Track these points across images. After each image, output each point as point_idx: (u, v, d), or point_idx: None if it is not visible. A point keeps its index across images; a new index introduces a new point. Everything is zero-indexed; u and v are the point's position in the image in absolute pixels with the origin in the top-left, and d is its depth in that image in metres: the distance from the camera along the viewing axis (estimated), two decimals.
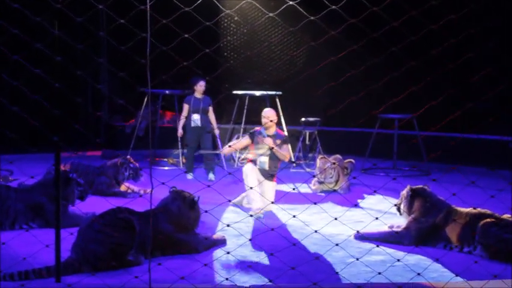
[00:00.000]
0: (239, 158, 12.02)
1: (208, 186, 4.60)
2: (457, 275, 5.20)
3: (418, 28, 4.82)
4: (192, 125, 10.34)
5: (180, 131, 10.49)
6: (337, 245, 5.26)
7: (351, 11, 4.62)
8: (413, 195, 6.49)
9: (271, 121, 8.07)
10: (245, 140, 8.35)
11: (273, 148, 7.85)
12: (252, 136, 8.24)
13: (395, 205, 6.64)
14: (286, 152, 8.14)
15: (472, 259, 5.64)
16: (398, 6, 4.58)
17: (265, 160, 8.10)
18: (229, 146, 8.38)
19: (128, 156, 9.17)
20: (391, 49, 4.78)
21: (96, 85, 13.16)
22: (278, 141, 8.08)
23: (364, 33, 4.85)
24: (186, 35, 4.52)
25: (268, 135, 8.13)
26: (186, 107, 10.41)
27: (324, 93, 12.88)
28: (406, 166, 11.54)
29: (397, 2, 4.46)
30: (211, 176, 10.42)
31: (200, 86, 10.43)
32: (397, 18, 4.64)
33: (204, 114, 10.51)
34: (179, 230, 5.84)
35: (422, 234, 6.27)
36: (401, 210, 6.61)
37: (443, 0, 4.47)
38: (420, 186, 6.59)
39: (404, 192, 6.60)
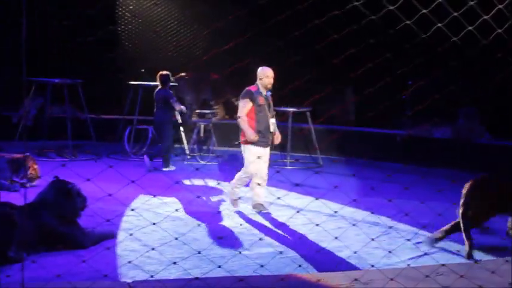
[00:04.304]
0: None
1: (88, 179, 4.40)
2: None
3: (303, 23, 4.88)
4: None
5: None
6: (220, 238, 5.23)
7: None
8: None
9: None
10: (248, 104, 7.25)
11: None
12: (252, 98, 7.22)
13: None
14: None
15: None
16: None
17: (273, 121, 7.34)
18: (240, 118, 7.21)
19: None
20: (277, 43, 4.82)
21: None
22: (271, 101, 7.49)
23: (252, 25, 4.86)
24: (66, 22, 4.33)
25: (264, 95, 7.33)
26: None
27: (219, 84, 12.91)
28: (299, 158, 11.70)
29: None
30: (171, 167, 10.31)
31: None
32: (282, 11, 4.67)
33: None
34: (62, 222, 5.60)
35: None
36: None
37: None
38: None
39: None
